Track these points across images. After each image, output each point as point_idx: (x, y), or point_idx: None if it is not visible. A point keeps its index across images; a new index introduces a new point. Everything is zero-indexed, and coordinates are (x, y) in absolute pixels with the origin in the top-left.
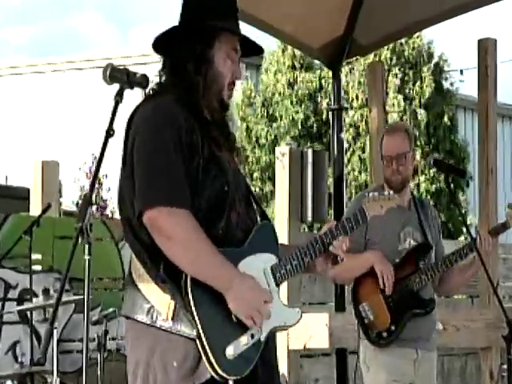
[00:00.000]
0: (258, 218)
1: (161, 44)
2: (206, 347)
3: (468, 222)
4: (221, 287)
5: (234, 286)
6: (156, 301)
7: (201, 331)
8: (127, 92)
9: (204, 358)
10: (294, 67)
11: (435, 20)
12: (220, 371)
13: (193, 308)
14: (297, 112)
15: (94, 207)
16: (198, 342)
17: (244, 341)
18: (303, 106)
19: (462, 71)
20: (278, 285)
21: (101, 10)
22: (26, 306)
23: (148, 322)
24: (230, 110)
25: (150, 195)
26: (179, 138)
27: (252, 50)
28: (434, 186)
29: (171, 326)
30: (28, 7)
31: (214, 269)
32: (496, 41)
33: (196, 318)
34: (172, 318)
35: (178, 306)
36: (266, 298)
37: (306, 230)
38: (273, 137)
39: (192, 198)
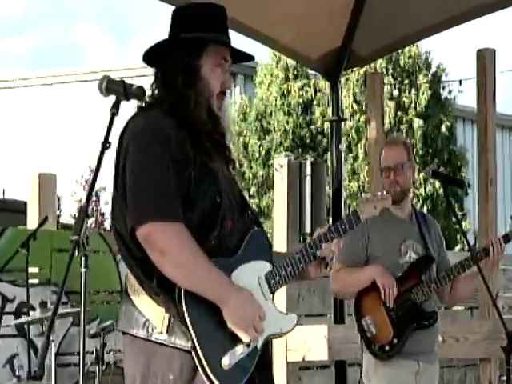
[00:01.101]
0: (252, 225)
1: (152, 57)
2: (202, 359)
3: (465, 228)
4: (216, 300)
5: (229, 299)
6: (151, 314)
7: (196, 343)
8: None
9: (200, 369)
10: (287, 79)
11: (434, 30)
12: (216, 382)
13: (187, 320)
14: (287, 122)
15: (92, 220)
16: (193, 353)
17: (240, 350)
18: (295, 116)
19: (460, 81)
20: (272, 292)
21: (98, 20)
22: (23, 319)
23: (144, 336)
24: (222, 120)
25: (141, 211)
26: (169, 151)
27: (244, 57)
28: (425, 189)
29: (166, 339)
30: (25, 19)
31: (209, 283)
32: (495, 51)
33: (191, 329)
34: (167, 331)
35: (172, 318)
36: (261, 315)
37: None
38: (266, 149)
39: (185, 210)
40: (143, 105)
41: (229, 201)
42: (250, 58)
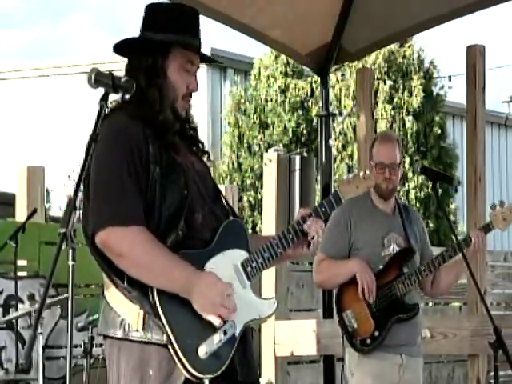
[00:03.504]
0: (227, 216)
1: (122, 52)
2: (178, 350)
3: (458, 230)
4: (181, 292)
5: (193, 287)
6: (126, 313)
7: (171, 335)
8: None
9: (177, 361)
10: (286, 74)
11: (424, 26)
12: (194, 372)
13: (161, 313)
14: (289, 120)
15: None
16: (169, 346)
17: (217, 338)
18: (295, 115)
19: (450, 77)
20: (249, 279)
21: (92, 14)
22: (12, 315)
23: (121, 336)
24: (191, 118)
25: (99, 217)
26: (131, 155)
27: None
28: (422, 192)
29: (143, 336)
30: (19, 13)
31: (169, 278)
32: (484, 47)
33: (165, 322)
34: (143, 328)
35: (147, 314)
36: (228, 291)
37: None
38: (266, 144)
39: (152, 206)
40: (108, 111)
41: (199, 193)
42: (217, 62)
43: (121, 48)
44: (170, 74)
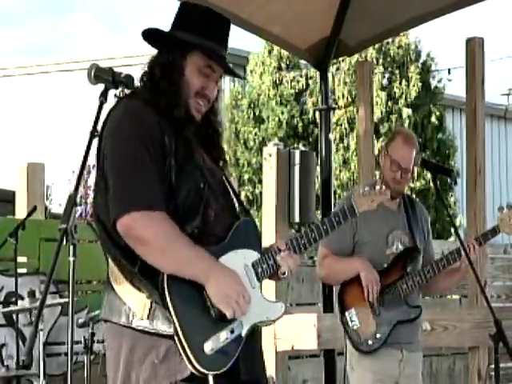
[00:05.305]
0: (240, 214)
1: (149, 39)
2: (184, 343)
3: (458, 223)
4: (201, 279)
5: (213, 275)
6: (132, 301)
7: (178, 327)
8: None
9: (182, 353)
10: (279, 68)
11: (423, 19)
12: (198, 367)
13: (169, 304)
14: (282, 113)
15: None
16: (175, 338)
17: (223, 336)
18: (288, 107)
19: (449, 70)
20: (259, 280)
21: (93, 13)
22: (11, 308)
23: (124, 323)
24: (217, 113)
25: (121, 202)
26: (149, 141)
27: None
28: (418, 183)
29: (148, 325)
30: (19, 12)
31: (195, 263)
32: (483, 40)
33: (173, 314)
34: (148, 317)
35: (154, 304)
36: (245, 296)
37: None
38: (261, 139)
39: (167, 198)
40: (123, 95)
41: (212, 190)
42: (238, 76)
43: (150, 38)
44: (187, 72)
